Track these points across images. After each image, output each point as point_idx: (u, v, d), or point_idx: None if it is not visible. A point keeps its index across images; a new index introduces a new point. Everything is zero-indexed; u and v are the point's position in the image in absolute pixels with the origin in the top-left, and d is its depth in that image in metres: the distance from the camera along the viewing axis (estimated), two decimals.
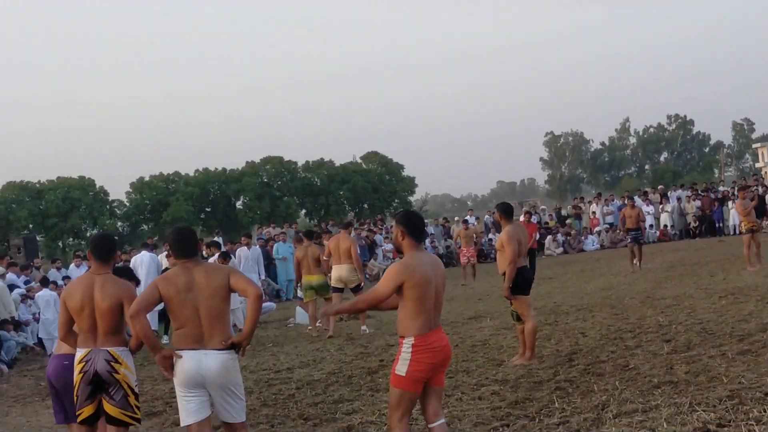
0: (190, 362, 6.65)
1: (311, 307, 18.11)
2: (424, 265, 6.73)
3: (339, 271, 17.65)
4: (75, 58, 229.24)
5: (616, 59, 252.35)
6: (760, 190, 36.58)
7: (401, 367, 6.61)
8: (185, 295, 6.69)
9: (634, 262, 25.07)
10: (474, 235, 26.17)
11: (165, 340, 19.13)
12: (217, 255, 19.10)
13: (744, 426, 7.49)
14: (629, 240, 25.86)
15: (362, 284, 17.57)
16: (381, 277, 6.74)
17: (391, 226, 6.82)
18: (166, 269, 19.79)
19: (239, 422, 6.89)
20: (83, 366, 7.05)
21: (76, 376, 7.11)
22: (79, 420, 7.22)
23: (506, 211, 12.41)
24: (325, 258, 18.27)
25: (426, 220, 49.01)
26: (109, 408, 7.06)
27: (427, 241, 38.09)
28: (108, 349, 7.03)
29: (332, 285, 17.87)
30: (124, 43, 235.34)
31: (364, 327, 17.12)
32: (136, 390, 7.22)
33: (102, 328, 7.07)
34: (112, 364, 6.99)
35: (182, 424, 6.84)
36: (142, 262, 21.11)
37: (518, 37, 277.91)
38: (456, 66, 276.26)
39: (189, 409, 6.75)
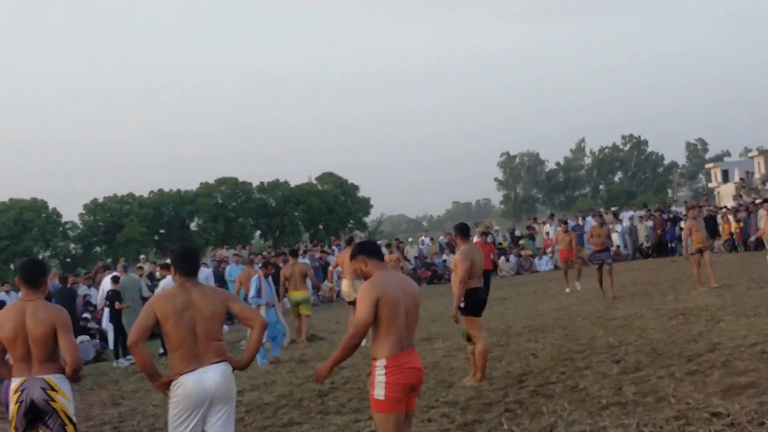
0: (191, 384, 6.47)
1: (298, 321, 19.25)
2: (393, 284, 6.61)
3: (348, 286, 18.43)
4: (30, 79, 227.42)
5: (571, 79, 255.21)
6: (706, 210, 36.79)
7: (379, 391, 6.42)
8: (181, 315, 6.54)
9: (604, 286, 22.18)
10: (399, 260, 25.19)
11: (123, 362, 19.08)
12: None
13: None
14: (596, 265, 22.42)
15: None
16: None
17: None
18: (112, 290, 19.99)
19: None
20: (19, 396, 6.77)
21: (12, 407, 6.83)
22: None
23: (462, 232, 12.53)
24: (331, 269, 21.68)
25: (380, 242, 49.06)
26: None
27: None
28: (44, 377, 6.76)
29: (347, 299, 18.59)
30: (74, 60, 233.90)
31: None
32: (74, 419, 6.95)
33: (36, 356, 6.79)
34: (48, 392, 6.73)
35: None
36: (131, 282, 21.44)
37: (473, 55, 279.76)
38: (410, 83, 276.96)
39: None
